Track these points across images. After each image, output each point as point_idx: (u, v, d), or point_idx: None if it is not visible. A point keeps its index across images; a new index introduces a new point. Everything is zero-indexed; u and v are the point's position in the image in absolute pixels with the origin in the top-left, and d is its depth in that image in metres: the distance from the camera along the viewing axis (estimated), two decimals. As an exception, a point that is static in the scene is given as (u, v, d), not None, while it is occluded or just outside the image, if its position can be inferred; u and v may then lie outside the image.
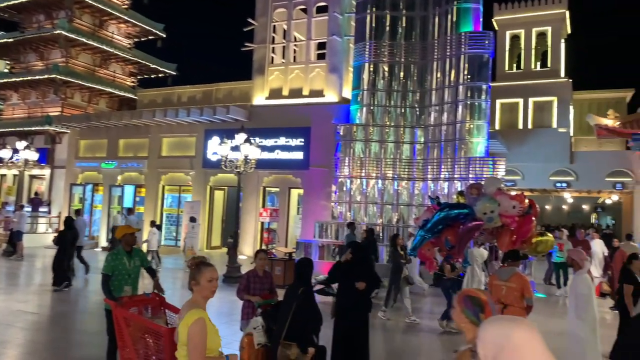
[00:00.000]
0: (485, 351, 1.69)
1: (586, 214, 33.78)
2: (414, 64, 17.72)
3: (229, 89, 22.40)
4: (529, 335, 1.67)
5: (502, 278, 6.42)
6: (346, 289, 6.23)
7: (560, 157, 23.39)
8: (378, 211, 17.42)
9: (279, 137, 19.80)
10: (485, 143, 16.70)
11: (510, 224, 6.12)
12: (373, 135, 17.57)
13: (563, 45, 26.05)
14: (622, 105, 26.52)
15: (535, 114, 25.21)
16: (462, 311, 2.52)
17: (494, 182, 7.02)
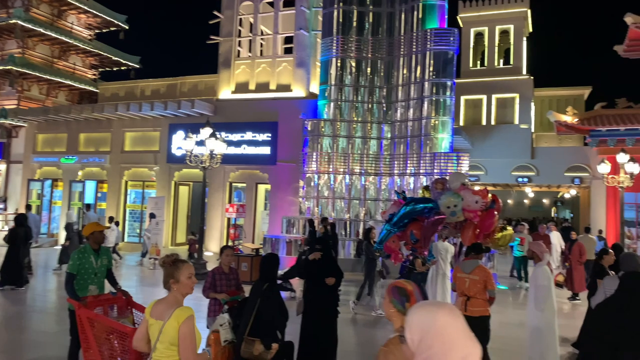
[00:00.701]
0: (412, 335, 1.75)
1: (546, 207, 34.88)
2: (381, 60, 17.82)
3: (194, 83, 22.01)
4: (451, 318, 1.75)
5: (466, 271, 6.55)
6: (315, 285, 6.20)
7: (522, 153, 24.02)
8: (345, 206, 17.48)
9: (246, 132, 19.59)
10: (450, 139, 16.98)
11: (473, 218, 6.23)
12: (340, 130, 17.60)
13: (525, 43, 26.71)
14: (580, 102, 27.42)
15: (498, 111, 25.78)
16: (391, 301, 2.69)
17: (458, 177, 7.12)
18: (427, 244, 8.22)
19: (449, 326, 1.73)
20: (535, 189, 28.18)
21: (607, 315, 3.73)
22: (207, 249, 18.53)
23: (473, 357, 1.70)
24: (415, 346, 1.76)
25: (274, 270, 5.57)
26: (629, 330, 3.52)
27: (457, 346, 1.69)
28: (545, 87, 27.95)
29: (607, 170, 16.76)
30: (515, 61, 26.09)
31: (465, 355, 1.68)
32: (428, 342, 1.72)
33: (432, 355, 1.70)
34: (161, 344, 3.13)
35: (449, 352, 1.68)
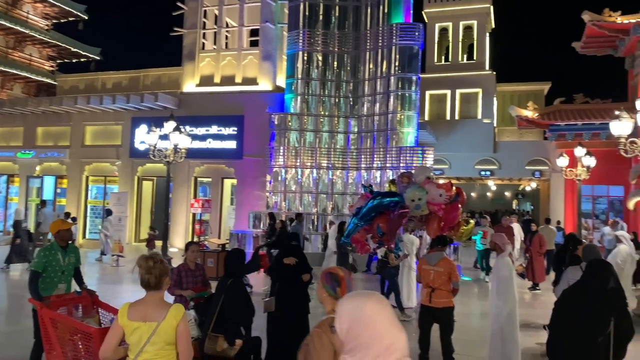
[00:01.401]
0: (341, 324, 1.80)
1: (508, 200, 35.83)
2: (348, 54, 17.84)
3: (158, 76, 21.50)
4: (379, 308, 1.80)
5: (431, 263, 6.65)
6: (290, 286, 6.15)
7: (485, 147, 24.55)
8: (313, 200, 17.48)
9: (211, 126, 19.29)
10: (416, 133, 17.19)
11: (437, 211, 6.32)
12: (308, 124, 17.55)
13: (488, 39, 27.24)
14: (540, 98, 28.21)
15: (462, 105, 26.24)
16: (323, 286, 2.92)
17: (424, 170, 7.21)
18: (394, 237, 8.32)
19: (376, 316, 1.77)
20: (498, 182, 28.89)
21: (572, 302, 3.96)
22: (172, 245, 18.20)
23: (398, 345, 1.74)
24: (344, 335, 1.79)
25: (240, 265, 5.51)
26: (589, 314, 3.74)
27: (383, 335, 1.74)
28: (507, 82, 28.63)
29: (566, 163, 17.31)
30: (479, 57, 26.58)
31: (390, 343, 1.73)
32: (356, 332, 1.76)
33: (360, 344, 1.74)
34: (153, 345, 3.05)
35: (375, 340, 1.73)
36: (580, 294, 3.97)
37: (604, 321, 3.67)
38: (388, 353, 1.72)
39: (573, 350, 3.74)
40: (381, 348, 1.72)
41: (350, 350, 1.77)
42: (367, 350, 1.73)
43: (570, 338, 3.78)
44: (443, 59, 27.38)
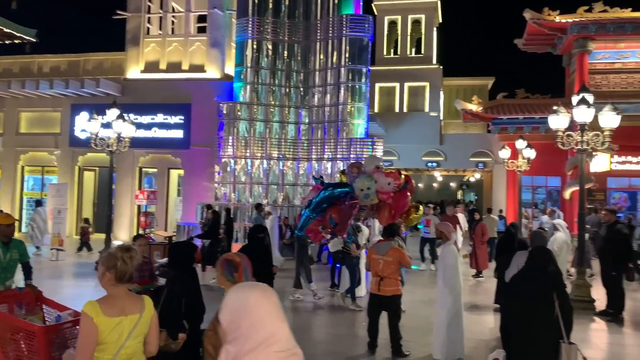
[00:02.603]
0: (224, 315, 1.83)
1: (453, 190, 36.94)
2: (298, 44, 17.69)
3: (100, 61, 20.52)
4: (262, 299, 1.82)
5: (380, 252, 6.74)
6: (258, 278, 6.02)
7: (431, 139, 25.16)
8: (263, 191, 17.29)
9: (157, 114, 18.65)
10: (366, 125, 17.33)
11: (386, 199, 6.39)
12: (257, 114, 17.30)
13: (435, 33, 27.82)
14: (484, 92, 29.21)
15: (410, 98, 26.76)
16: (222, 273, 3.07)
17: (373, 160, 7.28)
18: (346, 227, 8.36)
19: (258, 306, 1.78)
20: (444, 173, 29.74)
21: (520, 285, 4.35)
22: (115, 238, 17.51)
23: (278, 336, 1.74)
24: (226, 325, 1.81)
25: (182, 257, 5.35)
26: (536, 296, 4.15)
27: (263, 326, 1.74)
28: (453, 76, 29.41)
29: (507, 155, 18.02)
30: (426, 51, 27.14)
31: (270, 334, 1.73)
32: (237, 322, 1.77)
33: (240, 335, 1.75)
34: (135, 338, 2.96)
35: (255, 331, 1.74)
36: (527, 278, 4.36)
37: (550, 301, 4.08)
38: (268, 344, 1.71)
39: (525, 330, 4.06)
40: (260, 339, 1.72)
41: (232, 341, 1.76)
42: (247, 341, 1.72)
43: (521, 319, 4.15)
44: (392, 52, 27.76)
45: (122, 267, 2.97)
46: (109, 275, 2.96)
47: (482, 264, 12.83)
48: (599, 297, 9.79)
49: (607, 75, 21.28)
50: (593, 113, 9.94)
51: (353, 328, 8.30)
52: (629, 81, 21.15)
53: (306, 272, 10.16)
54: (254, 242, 6.31)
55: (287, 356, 1.75)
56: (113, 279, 2.96)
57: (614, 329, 8.49)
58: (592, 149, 10.39)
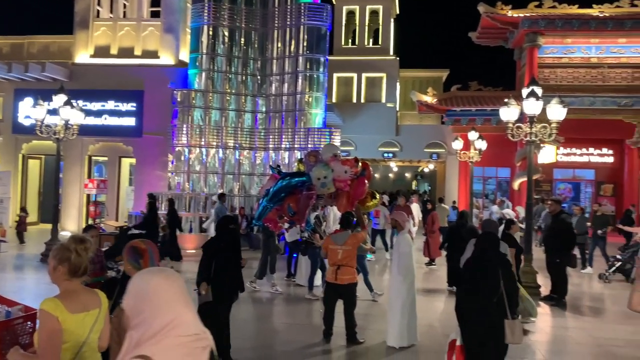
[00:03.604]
0: (127, 300, 1.80)
1: (408, 181, 37.61)
2: (255, 31, 17.42)
3: (46, 44, 19.55)
4: (165, 283, 1.79)
5: (338, 243, 6.79)
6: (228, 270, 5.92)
7: (388, 130, 25.46)
8: (219, 181, 17.03)
9: (107, 101, 17.98)
10: (323, 115, 17.34)
11: (344, 187, 6.41)
12: (213, 102, 16.96)
13: (392, 24, 28.04)
14: (439, 84, 29.74)
15: (368, 89, 26.94)
16: (128, 260, 3.14)
17: (331, 148, 7.28)
18: (304, 216, 8.34)
19: (160, 290, 1.77)
20: (399, 164, 30.21)
21: (472, 268, 4.81)
22: (63, 229, 16.85)
23: (181, 320, 1.73)
24: (129, 311, 1.79)
25: None
26: (484, 277, 4.55)
27: (165, 310, 1.73)
28: (409, 68, 29.78)
29: (460, 146, 18.47)
30: (384, 42, 27.33)
31: (172, 318, 1.72)
32: (140, 307, 1.75)
33: (143, 320, 1.73)
34: (96, 333, 2.83)
35: (156, 316, 1.72)
36: (476, 262, 4.78)
37: (496, 282, 4.47)
38: (170, 328, 1.70)
39: (472, 304, 4.55)
40: (162, 323, 1.70)
41: (135, 326, 1.74)
42: (149, 326, 1.71)
43: (470, 295, 4.59)
44: (350, 42, 27.79)
45: (76, 260, 2.82)
46: (62, 269, 2.79)
47: (434, 252, 13.14)
48: (543, 283, 10.25)
49: (554, 70, 22.13)
50: (541, 106, 10.30)
51: (308, 317, 8.34)
52: (575, 75, 22.07)
53: (272, 262, 10.11)
54: (224, 233, 6.12)
55: (193, 341, 1.72)
56: (66, 272, 2.80)
57: (558, 313, 8.91)
58: (540, 140, 10.78)
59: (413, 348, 6.69)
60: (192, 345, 1.73)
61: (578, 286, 11.22)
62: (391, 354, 6.55)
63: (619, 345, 7.20)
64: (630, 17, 20.73)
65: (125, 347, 1.75)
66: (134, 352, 1.70)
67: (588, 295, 10.82)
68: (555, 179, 23.71)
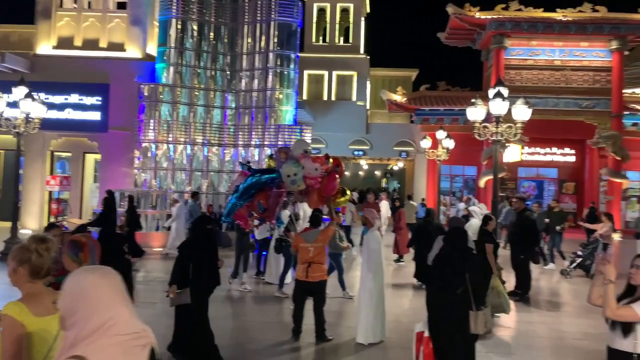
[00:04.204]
0: (62, 301, 1.78)
1: (378, 179, 37.96)
2: (225, 26, 17.19)
3: (5, 33, 18.83)
4: (101, 281, 1.77)
5: (309, 241, 6.78)
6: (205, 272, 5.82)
7: (358, 128, 25.60)
8: (186, 178, 16.76)
9: (71, 94, 17.41)
10: (294, 112, 17.28)
11: (314, 185, 6.38)
12: (181, 97, 16.67)
13: (363, 23, 28.16)
14: (408, 83, 30.08)
15: (338, 87, 27.01)
16: (67, 254, 3.09)
17: (301, 144, 7.23)
18: (274, 213, 8.28)
19: (95, 289, 1.74)
20: (369, 162, 30.42)
21: (440, 262, 4.98)
22: (23, 227, 16.26)
23: (117, 319, 1.71)
24: (64, 311, 1.76)
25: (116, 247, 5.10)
26: (451, 271, 4.74)
27: (101, 309, 1.70)
28: (379, 67, 29.99)
29: (429, 145, 18.73)
30: (354, 40, 27.43)
31: (109, 317, 1.69)
32: (74, 307, 1.72)
33: (78, 320, 1.70)
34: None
35: (91, 315, 1.69)
36: (445, 256, 4.96)
37: (462, 275, 4.66)
38: (106, 327, 1.67)
39: (442, 300, 4.71)
40: (98, 322, 1.68)
41: (70, 326, 1.71)
42: (84, 325, 1.68)
43: (439, 290, 4.78)
44: (321, 39, 27.78)
45: (37, 261, 2.69)
46: (22, 270, 2.66)
47: (403, 249, 13.28)
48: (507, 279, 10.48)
49: (520, 71, 22.66)
50: (507, 106, 10.53)
51: (278, 315, 8.29)
52: (539, 77, 22.66)
53: (245, 261, 10.02)
54: (200, 234, 5.98)
55: (131, 339, 1.69)
56: (27, 274, 2.66)
57: (522, 308, 9.13)
58: (505, 140, 11.02)
59: (381, 344, 6.74)
60: (131, 344, 1.70)
61: (541, 282, 11.53)
62: (360, 351, 6.58)
63: (580, 339, 7.44)
64: (591, 22, 21.42)
65: (61, 348, 1.71)
66: (68, 352, 1.66)
67: (550, 290, 11.14)
68: (519, 177, 24.32)
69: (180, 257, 5.90)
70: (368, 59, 27.23)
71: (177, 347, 5.86)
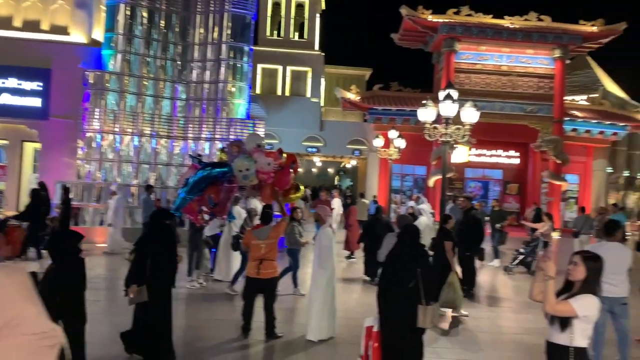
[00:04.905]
0: None
1: (331, 176, 38.10)
2: (176, 14, 16.69)
3: None
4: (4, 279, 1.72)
5: (261, 238, 6.67)
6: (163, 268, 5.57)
7: (312, 125, 25.58)
8: (133, 171, 16.17)
9: (8, 78, 16.36)
10: (247, 105, 17.02)
11: (267, 180, 6.26)
12: (129, 86, 16.04)
13: (318, 19, 28.12)
14: (362, 82, 30.35)
15: (293, 82, 26.88)
16: None
17: (254, 138, 7.08)
18: (225, 208, 8.08)
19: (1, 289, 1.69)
20: (323, 159, 30.47)
21: (393, 258, 5.04)
22: (-49, 218, 15.15)
23: (23, 318, 1.65)
24: None
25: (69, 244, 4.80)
26: (403, 266, 4.86)
27: (6, 308, 1.65)
28: (333, 64, 30.08)
29: (381, 144, 18.97)
30: (309, 36, 27.36)
31: (14, 316, 1.64)
32: None
33: None
34: None
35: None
36: (397, 252, 5.06)
37: (413, 271, 4.78)
38: (11, 327, 1.62)
39: (393, 294, 4.82)
40: (2, 321, 1.62)
41: None
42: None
43: (392, 286, 4.87)
44: (275, 34, 27.53)
45: None
46: None
47: (353, 245, 13.37)
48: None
49: (469, 75, 23.33)
50: (457, 108, 10.77)
51: (227, 313, 8.11)
52: (487, 81, 23.42)
53: (198, 257, 9.79)
54: (158, 229, 5.69)
55: (39, 339, 1.63)
56: None
57: (467, 304, 9.35)
58: (454, 141, 11.28)
59: (331, 340, 6.72)
60: (38, 344, 1.63)
61: (485, 278, 11.91)
62: (309, 348, 6.53)
63: (521, 333, 7.72)
64: (536, 31, 22.34)
65: None
66: None
67: (494, 286, 11.51)
68: (466, 177, 25.10)
69: (137, 255, 5.63)
70: (323, 55, 27.24)
71: (132, 340, 5.67)
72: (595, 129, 23.79)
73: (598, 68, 29.59)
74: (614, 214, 13.68)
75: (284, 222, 7.04)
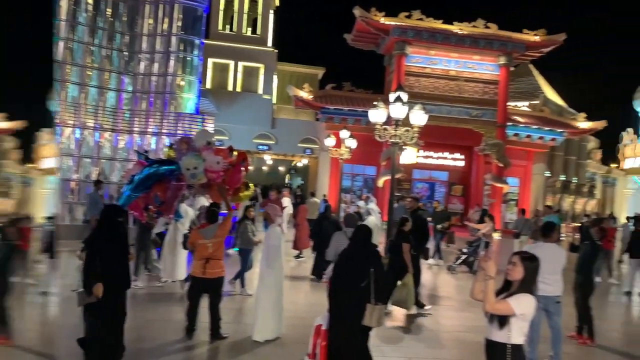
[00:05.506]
0: None
1: (282, 175, 37.90)
2: (124, 3, 16.06)
3: None
4: None
5: (207, 237, 6.55)
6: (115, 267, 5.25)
7: (264, 122, 25.36)
8: (74, 165, 15.43)
9: None
10: (196, 100, 16.65)
11: (216, 179, 6.13)
12: (71, 76, 15.30)
13: (272, 16, 27.89)
14: (315, 81, 30.35)
15: (245, 78, 26.52)
16: None
17: (204, 135, 6.92)
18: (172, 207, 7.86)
19: None
20: (274, 157, 30.26)
21: (345, 257, 5.14)
22: None
23: None
24: None
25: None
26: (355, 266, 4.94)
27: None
28: (287, 61, 29.91)
29: (332, 143, 19.05)
30: (262, 32, 27.09)
31: None
32: None
33: None
34: None
35: None
36: (350, 252, 5.15)
37: (365, 270, 4.88)
38: None
39: (345, 293, 4.90)
40: None
41: None
42: None
43: (343, 285, 4.94)
44: (228, 28, 27.08)
45: None
46: None
47: (302, 244, 13.36)
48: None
49: (419, 78, 23.83)
50: (406, 111, 10.97)
51: (171, 313, 7.89)
52: (436, 85, 24.01)
53: (146, 257, 9.52)
54: (108, 226, 5.36)
55: None
56: None
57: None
58: (403, 142, 11.49)
59: (278, 341, 6.67)
60: None
61: (429, 276, 12.21)
62: (255, 348, 6.45)
63: (463, 331, 7.96)
64: (483, 37, 23.14)
65: None
66: None
67: (437, 285, 11.82)
68: (414, 178, 25.68)
69: (88, 254, 5.27)
70: (276, 52, 27.04)
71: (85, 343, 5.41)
72: (536, 134, 24.93)
73: (539, 76, 31.07)
74: (548, 216, 14.37)
75: (229, 220, 6.93)
